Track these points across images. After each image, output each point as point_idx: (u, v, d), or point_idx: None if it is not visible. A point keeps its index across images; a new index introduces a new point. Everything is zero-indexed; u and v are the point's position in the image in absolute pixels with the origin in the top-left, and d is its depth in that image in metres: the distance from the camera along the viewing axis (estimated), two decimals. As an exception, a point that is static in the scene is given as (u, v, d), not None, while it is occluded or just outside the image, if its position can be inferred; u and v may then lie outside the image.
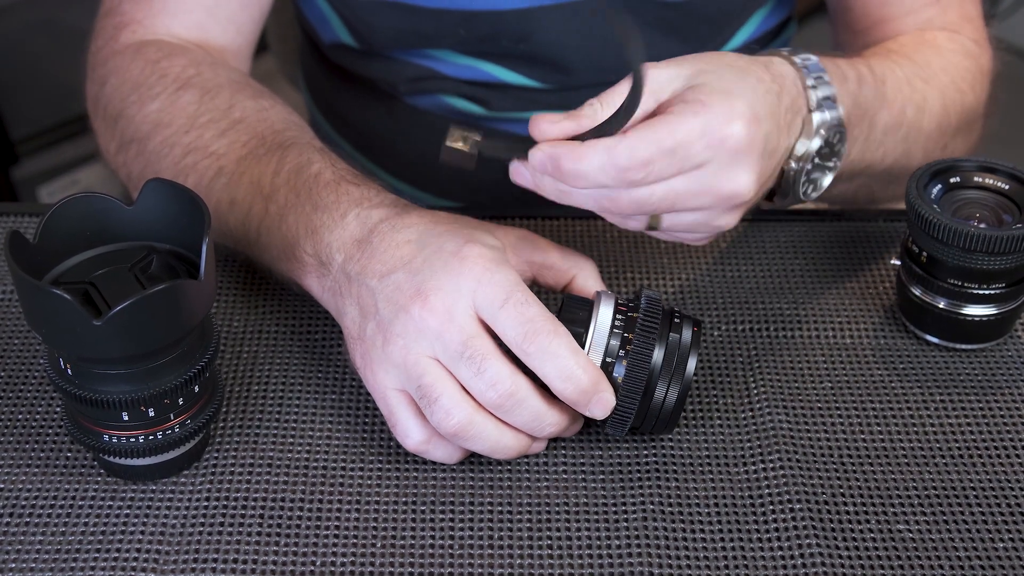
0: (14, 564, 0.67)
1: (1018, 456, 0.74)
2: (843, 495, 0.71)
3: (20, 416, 0.75)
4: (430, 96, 1.05)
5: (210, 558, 0.67)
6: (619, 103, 0.66)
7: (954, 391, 0.78)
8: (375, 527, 0.69)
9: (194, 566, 0.67)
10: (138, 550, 0.68)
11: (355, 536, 0.69)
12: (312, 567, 0.67)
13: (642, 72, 0.65)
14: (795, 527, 0.69)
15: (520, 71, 1.01)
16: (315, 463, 0.73)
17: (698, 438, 0.75)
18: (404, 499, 0.71)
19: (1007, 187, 0.78)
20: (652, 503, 0.70)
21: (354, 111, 1.13)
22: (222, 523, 0.69)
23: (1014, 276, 0.77)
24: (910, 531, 0.69)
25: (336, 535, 0.69)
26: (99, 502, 0.70)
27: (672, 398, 0.70)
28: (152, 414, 0.67)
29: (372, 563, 0.67)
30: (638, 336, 0.69)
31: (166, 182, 0.69)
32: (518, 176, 0.69)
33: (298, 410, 0.76)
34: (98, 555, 0.67)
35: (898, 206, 0.92)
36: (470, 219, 0.74)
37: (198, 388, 0.69)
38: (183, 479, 0.72)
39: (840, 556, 0.68)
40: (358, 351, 0.71)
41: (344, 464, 0.73)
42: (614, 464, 0.73)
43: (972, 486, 0.72)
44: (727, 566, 0.67)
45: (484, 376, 0.67)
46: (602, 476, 0.72)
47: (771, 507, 0.70)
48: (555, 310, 0.70)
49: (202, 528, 0.69)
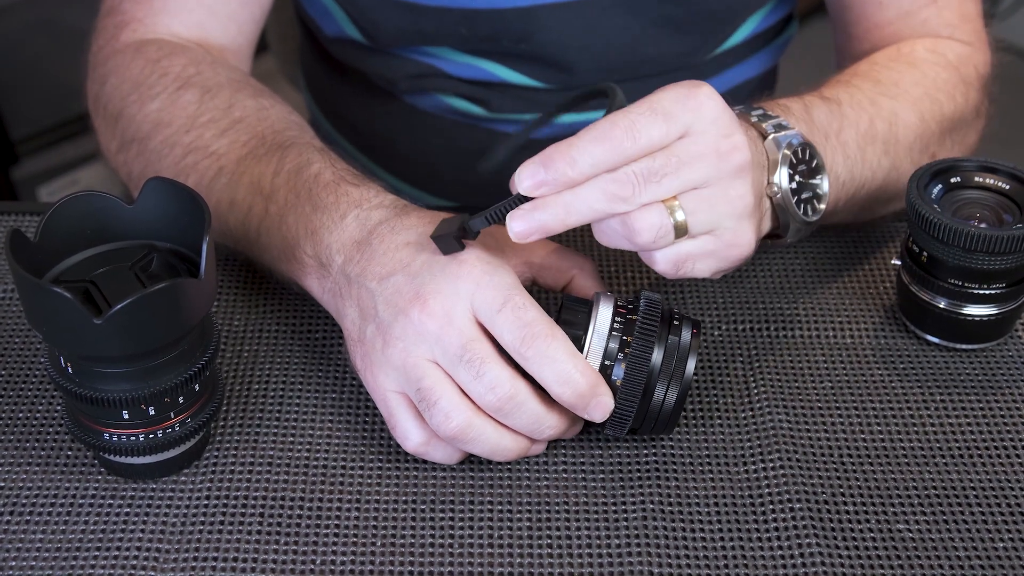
0: (14, 562, 0.67)
1: (1018, 456, 0.74)
2: (843, 495, 0.71)
3: (20, 415, 0.75)
4: (430, 96, 1.05)
5: (210, 556, 0.67)
6: None
7: (954, 391, 0.78)
8: (375, 526, 0.69)
9: (194, 564, 0.67)
10: (138, 548, 0.68)
11: (355, 535, 0.69)
12: (312, 565, 0.67)
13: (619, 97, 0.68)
14: (795, 527, 0.69)
15: (521, 70, 1.01)
16: (315, 462, 0.73)
17: (698, 438, 0.75)
18: (404, 498, 0.71)
19: (1008, 187, 0.78)
20: (652, 503, 0.70)
21: (354, 110, 1.13)
22: (222, 522, 0.69)
23: (1014, 276, 0.77)
24: (910, 531, 0.69)
25: (336, 534, 0.69)
26: (99, 500, 0.70)
27: (671, 400, 0.70)
28: (152, 413, 0.67)
29: (372, 562, 0.67)
30: (637, 338, 0.69)
31: (167, 181, 0.68)
32: (516, 223, 0.66)
33: (298, 409, 0.76)
34: (98, 553, 0.67)
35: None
36: (470, 220, 0.74)
37: (198, 387, 0.69)
38: (183, 477, 0.72)
39: (840, 556, 0.68)
40: (358, 353, 0.71)
41: (344, 463, 0.73)
42: (614, 464, 0.73)
43: (972, 486, 0.72)
44: (727, 566, 0.67)
45: (483, 379, 0.67)
46: (602, 476, 0.72)
47: (771, 507, 0.70)
48: (554, 311, 0.70)
49: (202, 527, 0.69)
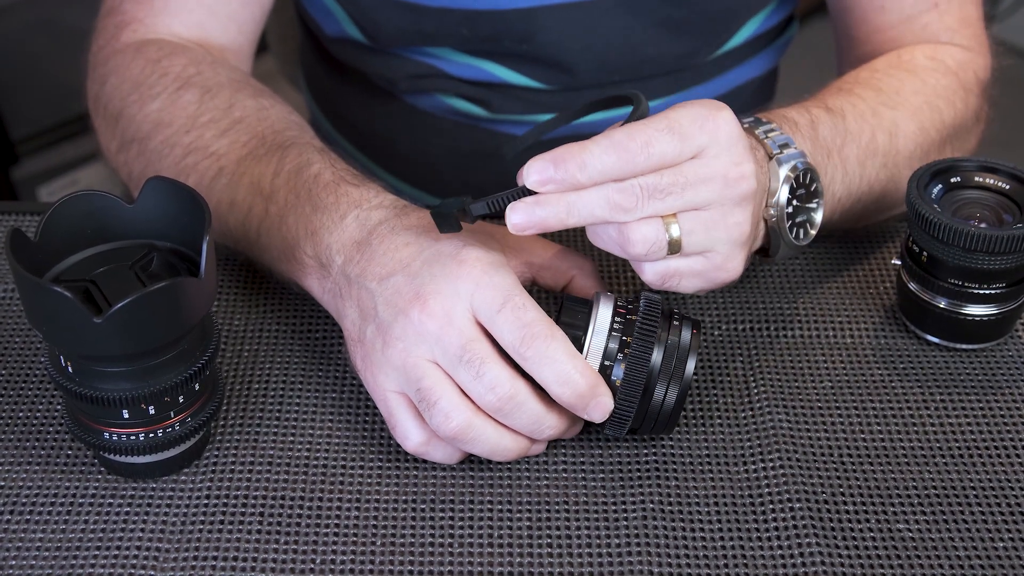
0: (14, 561, 0.67)
1: (1018, 456, 0.74)
2: (843, 495, 0.71)
3: (21, 414, 0.75)
4: (430, 96, 1.05)
5: (210, 556, 0.67)
6: None
7: (954, 391, 0.78)
8: (375, 525, 0.69)
9: (194, 564, 0.67)
10: (138, 548, 0.68)
11: (355, 534, 0.69)
12: (312, 565, 0.67)
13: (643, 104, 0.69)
14: (795, 527, 0.69)
15: (522, 71, 1.01)
16: (315, 461, 0.73)
17: (698, 438, 0.75)
18: (404, 497, 0.71)
19: (1008, 187, 0.78)
20: (652, 502, 0.70)
21: (354, 110, 1.13)
22: (222, 521, 0.69)
23: (1014, 276, 0.77)
24: (910, 531, 0.69)
25: (336, 533, 0.69)
26: (99, 500, 0.70)
27: (671, 400, 0.70)
28: (152, 412, 0.67)
29: (372, 561, 0.67)
30: (636, 339, 0.69)
31: (167, 180, 0.68)
32: (515, 215, 0.67)
33: (298, 408, 0.76)
34: (98, 552, 0.67)
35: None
36: (470, 219, 0.74)
37: (198, 386, 0.69)
38: (183, 477, 0.72)
39: (840, 556, 0.68)
40: (358, 353, 0.71)
41: (344, 462, 0.73)
42: (614, 464, 0.73)
43: (972, 486, 0.72)
44: (727, 565, 0.67)
45: (483, 379, 0.67)
46: (602, 475, 0.72)
47: (771, 507, 0.70)
48: (554, 311, 0.70)
49: (202, 526, 0.69)
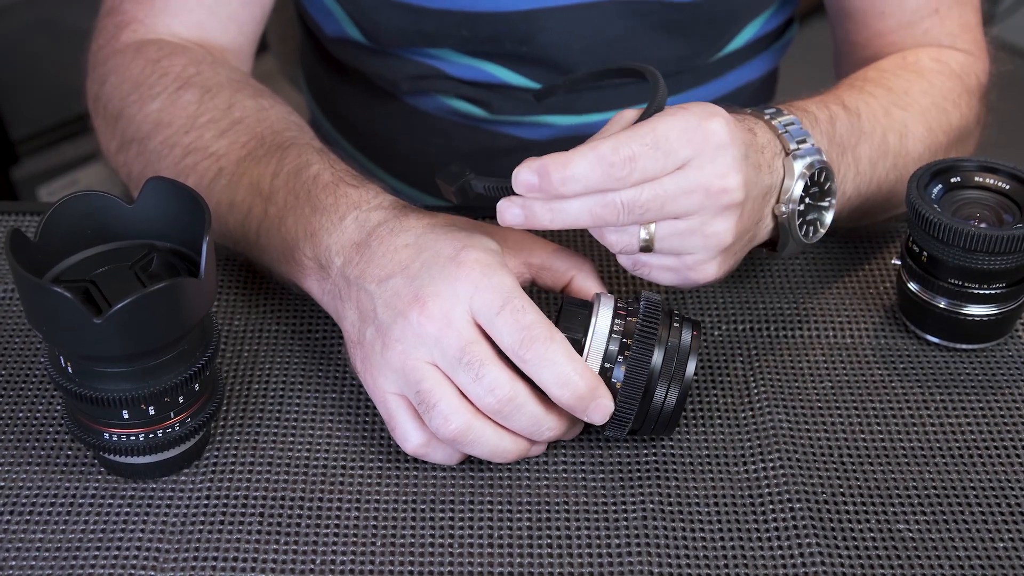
0: (14, 562, 0.67)
1: (1018, 456, 0.74)
2: (843, 495, 0.71)
3: (20, 414, 0.75)
4: (430, 97, 1.05)
5: (210, 556, 0.67)
6: None
7: (954, 391, 0.78)
8: (375, 525, 0.69)
9: (194, 564, 0.67)
10: (138, 548, 0.68)
11: (355, 535, 0.69)
12: (312, 565, 0.67)
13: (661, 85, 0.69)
14: (795, 527, 0.69)
15: (522, 72, 1.01)
16: (315, 462, 0.73)
17: (698, 438, 0.75)
18: (404, 498, 0.71)
19: (1008, 187, 0.78)
20: (652, 503, 0.70)
21: (354, 110, 1.13)
22: (222, 521, 0.69)
23: (1014, 276, 0.77)
24: (910, 531, 0.69)
25: (336, 533, 0.69)
26: (99, 500, 0.70)
27: (671, 401, 0.69)
28: (152, 412, 0.67)
29: (372, 561, 0.67)
30: (637, 340, 0.69)
31: (167, 180, 0.68)
32: (507, 214, 0.67)
33: (298, 409, 0.76)
34: (98, 553, 0.67)
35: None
36: (468, 220, 0.74)
37: (198, 386, 0.69)
38: (183, 477, 0.72)
39: (840, 556, 0.68)
40: (358, 355, 0.71)
41: (344, 463, 0.73)
42: (614, 464, 0.73)
43: (972, 486, 0.72)
44: (727, 566, 0.67)
45: (482, 382, 0.67)
46: (602, 476, 0.72)
47: (771, 507, 0.70)
48: (554, 312, 0.70)
49: (202, 526, 0.69)
